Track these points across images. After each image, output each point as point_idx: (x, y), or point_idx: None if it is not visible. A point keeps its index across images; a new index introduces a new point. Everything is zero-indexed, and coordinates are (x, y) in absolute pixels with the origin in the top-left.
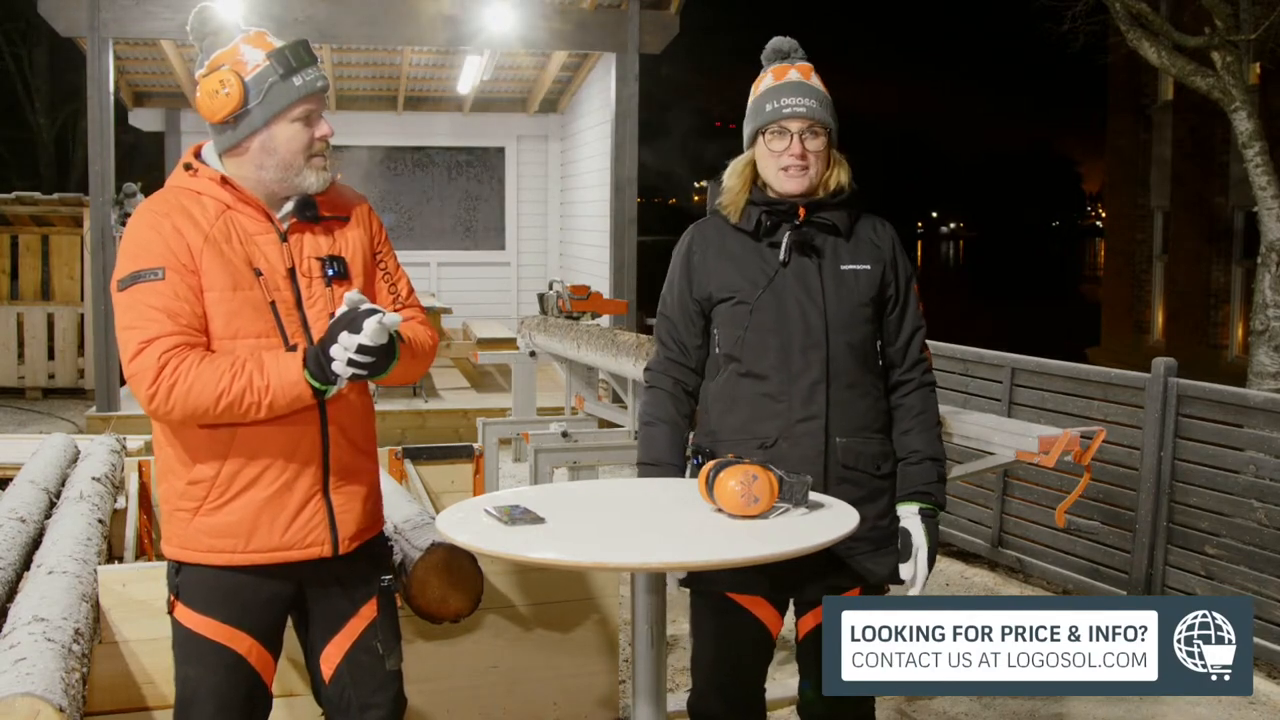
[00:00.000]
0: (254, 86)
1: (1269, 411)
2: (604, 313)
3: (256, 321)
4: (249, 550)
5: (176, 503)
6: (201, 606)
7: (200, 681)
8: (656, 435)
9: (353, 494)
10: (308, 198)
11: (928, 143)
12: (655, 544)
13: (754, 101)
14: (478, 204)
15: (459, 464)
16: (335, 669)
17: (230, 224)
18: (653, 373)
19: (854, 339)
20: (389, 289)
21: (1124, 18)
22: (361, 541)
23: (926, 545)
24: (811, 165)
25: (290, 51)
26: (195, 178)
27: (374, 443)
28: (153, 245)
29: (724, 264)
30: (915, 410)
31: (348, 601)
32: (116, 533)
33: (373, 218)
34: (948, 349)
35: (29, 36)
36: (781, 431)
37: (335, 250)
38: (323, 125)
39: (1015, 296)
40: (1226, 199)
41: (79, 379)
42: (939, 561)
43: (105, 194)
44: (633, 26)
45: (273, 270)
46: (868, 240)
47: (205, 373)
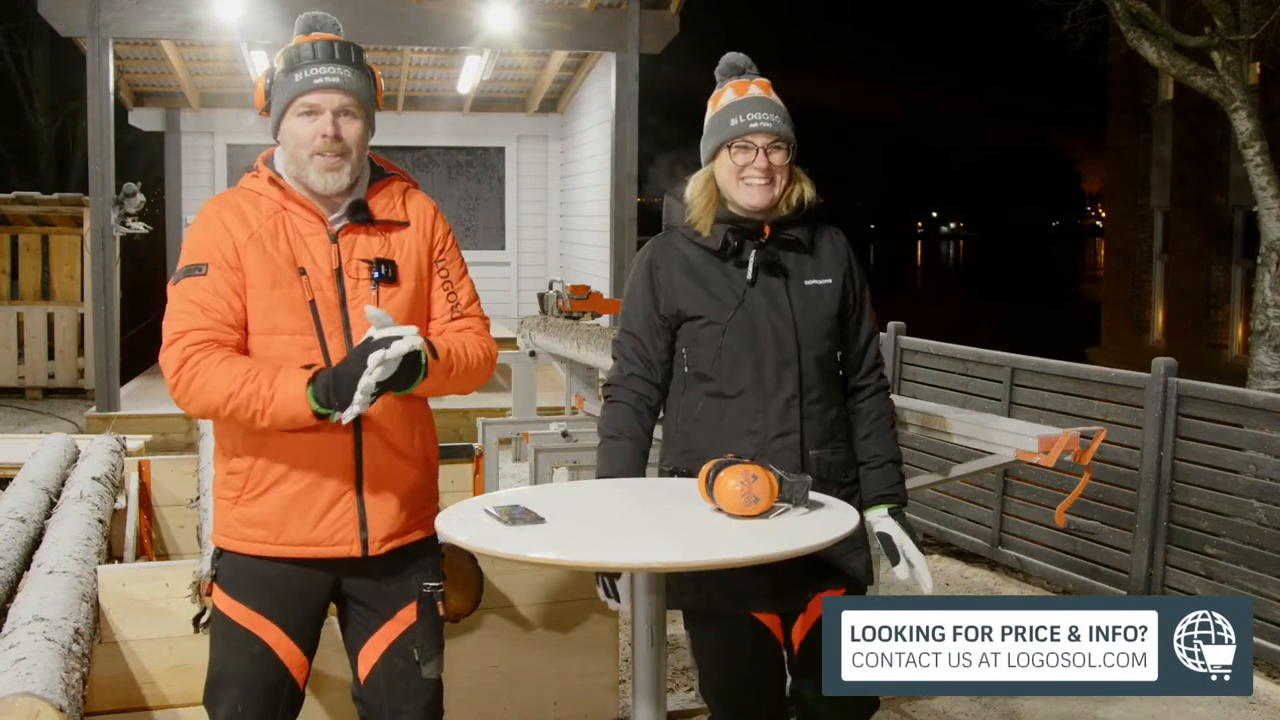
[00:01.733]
0: (274, 81)
1: (1269, 411)
2: (604, 313)
3: (291, 318)
4: (280, 542)
5: (220, 490)
6: (235, 592)
7: (226, 664)
8: (617, 450)
9: (388, 497)
10: (359, 201)
11: (928, 143)
12: (655, 544)
13: (715, 116)
14: (478, 204)
15: (459, 464)
16: (371, 670)
17: (282, 223)
18: (614, 387)
19: (821, 353)
20: (448, 296)
21: (1124, 17)
22: (398, 544)
23: (910, 540)
24: (776, 179)
25: (300, 49)
26: (255, 178)
27: (422, 448)
28: (202, 243)
29: (690, 282)
30: (873, 414)
31: (385, 604)
32: (116, 533)
33: (438, 224)
34: (948, 349)
35: (29, 36)
36: (759, 448)
37: (387, 253)
38: (324, 124)
39: (1015, 296)
40: (1226, 199)
41: (79, 379)
42: (939, 561)
43: (105, 194)
44: (633, 26)
45: (317, 269)
46: (828, 252)
47: (222, 371)
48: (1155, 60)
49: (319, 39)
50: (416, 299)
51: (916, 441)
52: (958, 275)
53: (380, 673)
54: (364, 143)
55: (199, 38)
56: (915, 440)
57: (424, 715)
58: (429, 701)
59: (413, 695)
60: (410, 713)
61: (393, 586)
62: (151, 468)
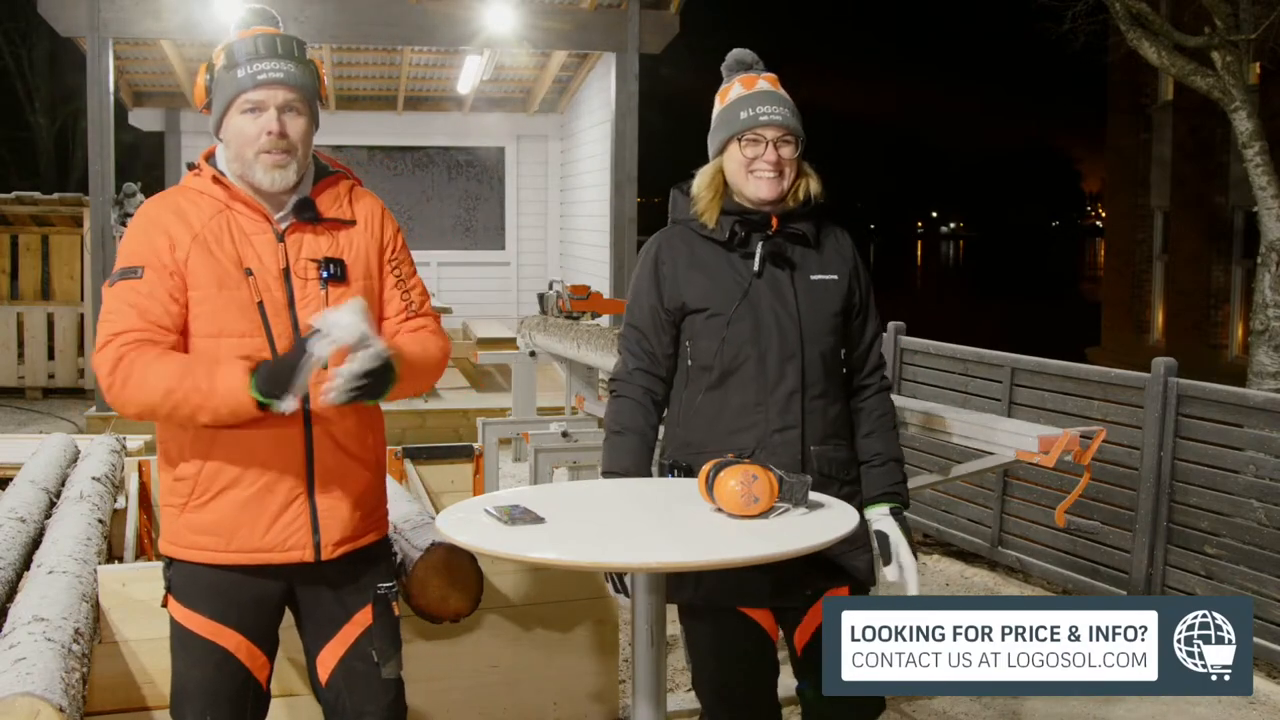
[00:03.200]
0: (214, 77)
1: (1269, 411)
2: (604, 313)
3: (240, 321)
4: (231, 550)
5: (167, 498)
6: (190, 602)
7: (189, 675)
8: (625, 444)
9: (339, 500)
10: (305, 199)
11: (928, 143)
12: (655, 544)
13: (724, 110)
14: (478, 204)
15: (459, 464)
16: (330, 674)
17: (226, 223)
18: (620, 382)
19: (825, 348)
20: (401, 296)
21: (1124, 17)
22: (351, 548)
23: (906, 542)
24: (785, 172)
25: (241, 44)
26: (198, 177)
27: (374, 449)
28: (139, 245)
29: (695, 274)
30: (876, 413)
31: (339, 607)
32: (116, 533)
33: (386, 223)
34: (948, 349)
35: (29, 36)
36: (759, 442)
37: (335, 252)
38: (269, 120)
39: (1015, 296)
40: (1226, 199)
41: (79, 379)
42: (939, 561)
43: (105, 194)
44: (633, 26)
45: (265, 270)
46: (833, 249)
47: (157, 368)
48: (1155, 60)
49: (260, 33)
50: (366, 298)
51: (917, 441)
52: (958, 275)
53: (340, 676)
54: (309, 139)
55: (199, 38)
56: (915, 440)
57: (387, 715)
58: (390, 701)
59: (374, 696)
60: (373, 713)
61: (347, 589)
62: (151, 468)
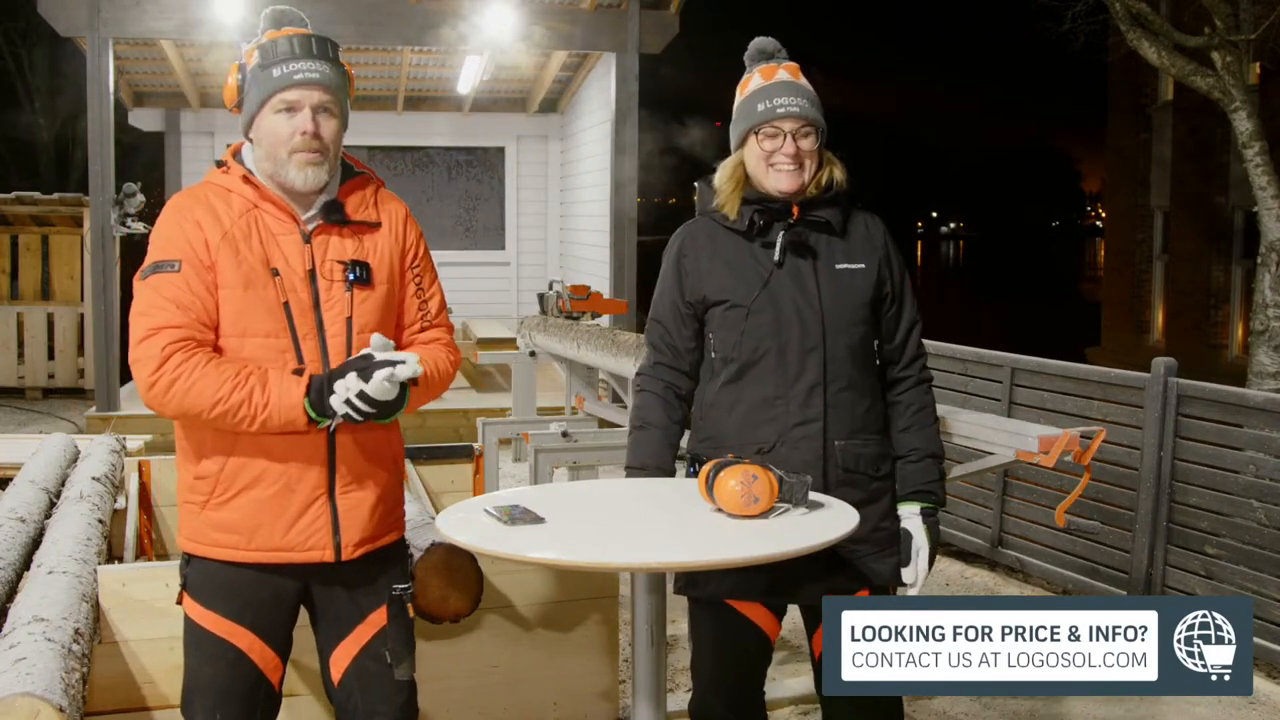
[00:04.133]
0: (247, 76)
1: (1269, 411)
2: (604, 313)
3: (266, 320)
4: (251, 548)
5: (187, 495)
6: (205, 600)
7: (201, 672)
8: (646, 439)
9: (360, 500)
10: (334, 200)
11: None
12: (655, 544)
13: (743, 102)
14: (477, 204)
15: (459, 464)
16: (343, 673)
17: (254, 222)
18: (644, 377)
19: (852, 340)
20: (420, 305)
21: (1124, 17)
22: (370, 548)
23: (928, 546)
24: (805, 164)
25: (275, 43)
26: (226, 174)
27: (393, 450)
28: (174, 238)
29: (717, 266)
30: (914, 407)
31: (355, 607)
32: (116, 533)
33: (410, 228)
34: (948, 349)
35: (29, 36)
36: (780, 436)
37: (361, 255)
38: (304, 120)
39: (1015, 296)
40: (1226, 199)
41: (79, 379)
42: (939, 561)
43: (105, 194)
44: (633, 26)
45: (291, 271)
46: (861, 237)
47: (209, 375)
48: (1155, 60)
49: (295, 33)
50: (388, 303)
51: None
52: (958, 275)
53: (353, 676)
54: (340, 140)
55: (199, 38)
56: None
57: (399, 716)
58: (403, 702)
59: (386, 697)
60: (385, 714)
61: (363, 590)
62: (151, 468)
